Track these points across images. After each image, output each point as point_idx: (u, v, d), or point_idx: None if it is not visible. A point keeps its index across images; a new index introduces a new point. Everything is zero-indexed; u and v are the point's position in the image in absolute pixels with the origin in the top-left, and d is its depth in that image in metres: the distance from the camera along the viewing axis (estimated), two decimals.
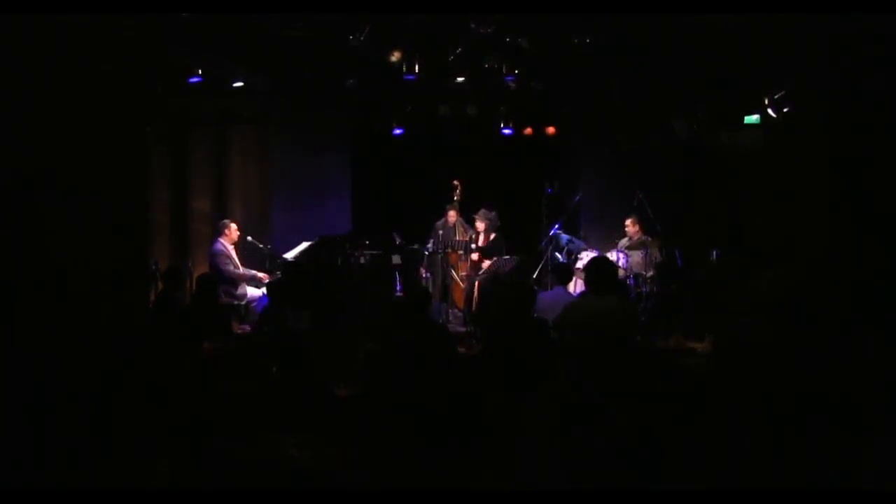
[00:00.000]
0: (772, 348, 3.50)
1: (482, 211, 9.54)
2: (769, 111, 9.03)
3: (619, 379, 3.34)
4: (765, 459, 3.20)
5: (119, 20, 6.13)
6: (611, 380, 3.33)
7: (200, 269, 9.09)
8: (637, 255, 9.30)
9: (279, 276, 8.75)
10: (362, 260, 9.05)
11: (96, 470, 3.54)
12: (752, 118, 9.63)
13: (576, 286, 8.26)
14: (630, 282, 8.93)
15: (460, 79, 9.05)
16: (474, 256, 9.42)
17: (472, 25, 7.67)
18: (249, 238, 9.38)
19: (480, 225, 9.48)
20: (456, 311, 9.49)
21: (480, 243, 9.48)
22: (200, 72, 8.44)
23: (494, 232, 9.44)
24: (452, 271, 9.65)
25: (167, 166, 9.94)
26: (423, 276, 9.61)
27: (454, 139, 10.72)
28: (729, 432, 3.29)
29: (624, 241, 9.57)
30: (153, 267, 8.11)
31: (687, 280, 8.88)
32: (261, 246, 9.44)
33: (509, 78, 8.80)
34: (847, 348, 3.59)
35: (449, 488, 3.67)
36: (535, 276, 9.45)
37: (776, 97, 8.89)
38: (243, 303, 8.79)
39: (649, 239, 9.32)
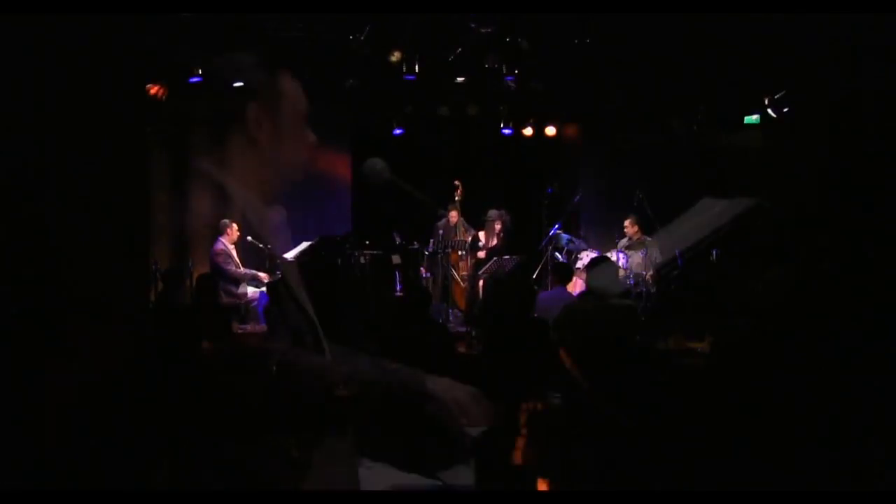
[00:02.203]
0: (771, 349, 3.50)
1: (495, 212, 9.57)
2: (769, 111, 9.03)
3: (619, 379, 3.34)
4: (765, 459, 3.20)
5: (119, 20, 6.13)
6: (611, 380, 3.32)
7: (200, 269, 9.09)
8: (637, 255, 9.30)
9: (279, 275, 8.74)
10: (362, 260, 9.05)
11: (96, 470, 3.54)
12: (752, 118, 9.64)
13: (576, 286, 8.26)
14: (630, 282, 8.93)
15: (460, 79, 9.05)
16: (481, 254, 9.45)
17: (472, 25, 7.68)
18: (249, 238, 9.38)
19: (497, 226, 9.53)
20: (456, 311, 9.49)
21: (493, 244, 9.53)
22: (200, 72, 8.44)
23: (507, 228, 9.53)
24: (453, 271, 9.65)
25: (167, 166, 9.92)
26: (423, 275, 9.62)
27: (454, 139, 10.72)
28: (728, 432, 3.29)
29: (624, 241, 9.57)
30: (153, 267, 8.10)
31: (687, 280, 8.88)
32: (261, 246, 9.43)
33: (509, 78, 8.80)
34: (847, 348, 3.59)
35: (449, 488, 3.66)
36: (535, 276, 9.45)
37: (776, 97, 8.90)
38: (243, 302, 8.79)
39: (649, 239, 9.32)
